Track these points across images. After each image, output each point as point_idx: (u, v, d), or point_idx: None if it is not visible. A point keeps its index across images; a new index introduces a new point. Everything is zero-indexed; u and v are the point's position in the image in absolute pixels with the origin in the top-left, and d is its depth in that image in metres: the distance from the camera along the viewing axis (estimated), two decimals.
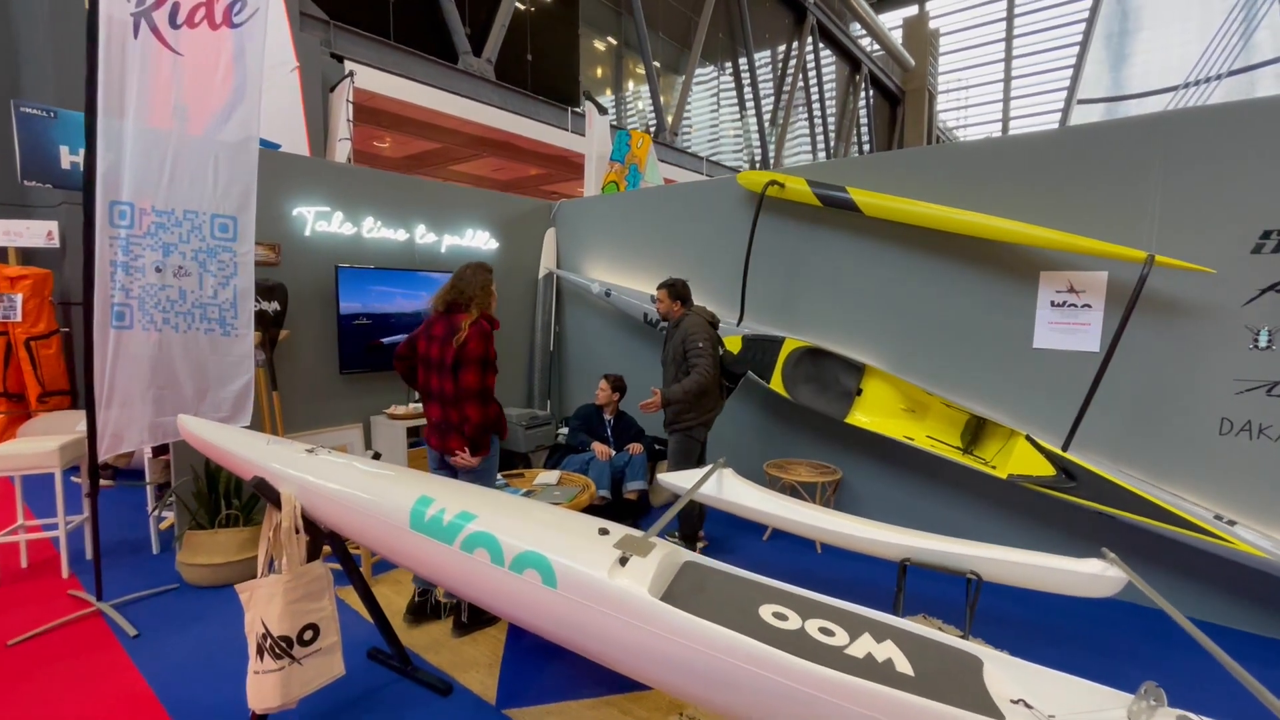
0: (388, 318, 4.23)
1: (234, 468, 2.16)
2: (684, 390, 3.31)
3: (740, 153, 17.61)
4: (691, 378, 3.32)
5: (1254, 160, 2.74)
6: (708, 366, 3.34)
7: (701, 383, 3.31)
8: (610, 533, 1.79)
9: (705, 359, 3.34)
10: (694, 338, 3.37)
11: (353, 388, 4.16)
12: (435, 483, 2.01)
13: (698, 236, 4.58)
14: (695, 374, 3.32)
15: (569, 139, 11.41)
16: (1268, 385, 2.78)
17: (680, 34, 15.05)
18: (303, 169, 3.90)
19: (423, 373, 2.76)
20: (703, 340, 3.36)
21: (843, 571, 3.51)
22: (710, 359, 3.36)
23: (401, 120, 9.93)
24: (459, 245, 4.74)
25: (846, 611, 1.69)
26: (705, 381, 3.32)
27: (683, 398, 3.33)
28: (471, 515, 1.79)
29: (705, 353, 3.35)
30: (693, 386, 3.31)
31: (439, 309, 2.71)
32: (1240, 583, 2.89)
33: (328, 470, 2.05)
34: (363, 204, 4.15)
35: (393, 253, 4.34)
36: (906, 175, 3.63)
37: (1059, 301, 3.23)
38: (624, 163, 5.78)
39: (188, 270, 3.03)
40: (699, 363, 3.34)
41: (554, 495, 3.40)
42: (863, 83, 23.20)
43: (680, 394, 3.32)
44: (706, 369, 3.33)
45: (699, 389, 3.32)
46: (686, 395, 3.32)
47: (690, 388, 3.31)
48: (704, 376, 3.32)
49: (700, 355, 3.34)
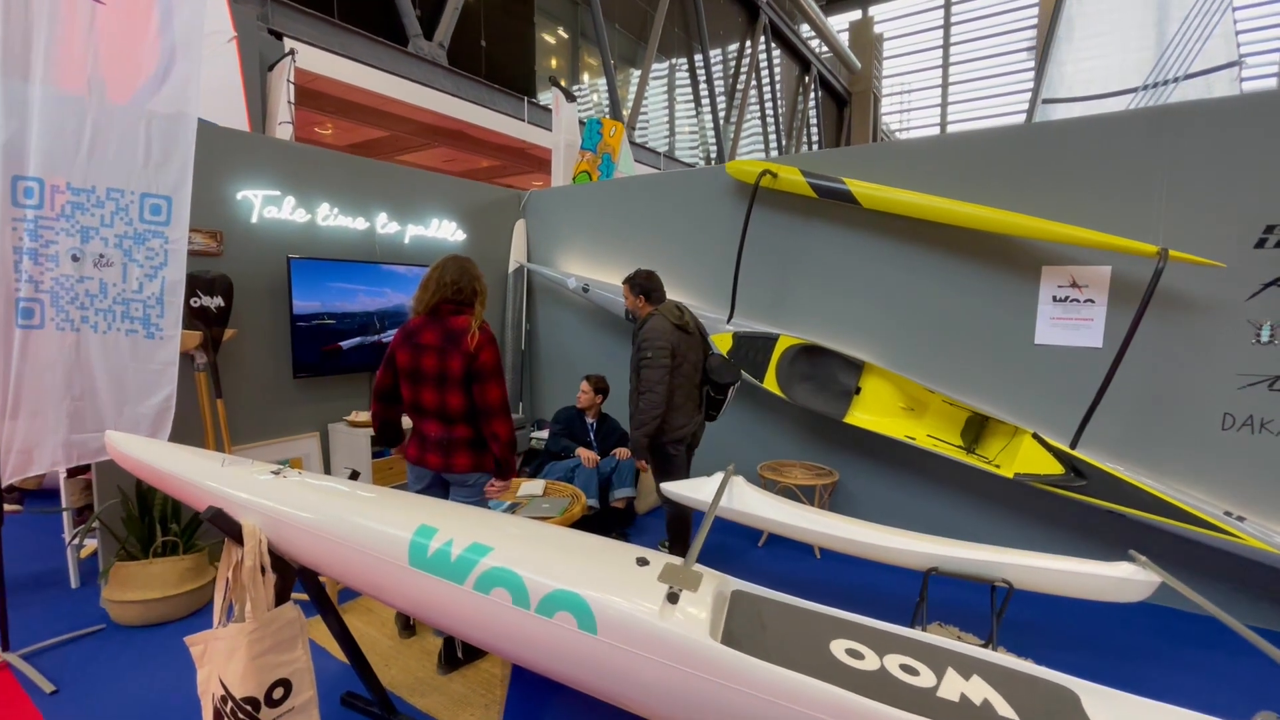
0: (348, 317, 3.83)
1: (182, 495, 1.80)
2: (640, 424, 2.88)
3: (696, 149, 17.54)
4: (640, 403, 2.88)
5: (1257, 155, 2.73)
6: (656, 381, 2.86)
7: (653, 403, 2.86)
8: (650, 563, 1.54)
9: (654, 371, 2.87)
10: (646, 344, 2.87)
11: (308, 393, 3.74)
12: (434, 509, 1.71)
13: (682, 228, 4.36)
14: (643, 398, 2.87)
15: (526, 130, 11.01)
16: (1270, 379, 2.78)
17: (637, 27, 14.82)
18: (248, 147, 3.45)
19: (409, 389, 2.37)
20: (654, 349, 2.88)
21: (845, 578, 3.37)
22: (661, 371, 2.86)
23: (346, 105, 9.30)
24: (424, 236, 4.36)
25: (920, 643, 1.50)
26: (657, 401, 2.87)
27: (641, 432, 2.89)
28: (486, 548, 1.51)
29: (655, 363, 2.87)
30: (646, 417, 2.86)
31: (424, 312, 2.37)
32: (1249, 578, 2.87)
33: (300, 496, 1.72)
34: (317, 188, 3.73)
35: (352, 243, 3.93)
36: (902, 167, 3.52)
37: (1061, 297, 3.17)
38: (596, 152, 5.50)
39: (110, 259, 2.59)
40: (645, 376, 2.88)
41: (541, 507, 3.12)
42: (812, 83, 23.57)
43: (640, 435, 2.89)
44: (655, 384, 2.86)
45: (652, 414, 2.87)
46: (645, 428, 2.88)
47: (644, 420, 2.87)
48: (654, 396, 2.85)
49: (649, 366, 2.87)
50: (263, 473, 1.81)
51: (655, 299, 3.10)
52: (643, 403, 2.88)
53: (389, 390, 2.42)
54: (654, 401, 2.86)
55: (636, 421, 2.91)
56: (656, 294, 3.11)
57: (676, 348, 2.95)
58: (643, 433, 2.90)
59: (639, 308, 3.13)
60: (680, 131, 17.18)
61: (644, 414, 2.88)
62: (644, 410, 2.88)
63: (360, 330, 3.88)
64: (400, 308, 4.13)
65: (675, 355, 2.94)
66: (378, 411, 2.47)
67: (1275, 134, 2.69)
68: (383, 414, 2.47)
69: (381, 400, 2.44)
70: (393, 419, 2.50)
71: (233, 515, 1.67)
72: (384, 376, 2.42)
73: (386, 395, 2.43)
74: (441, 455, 2.36)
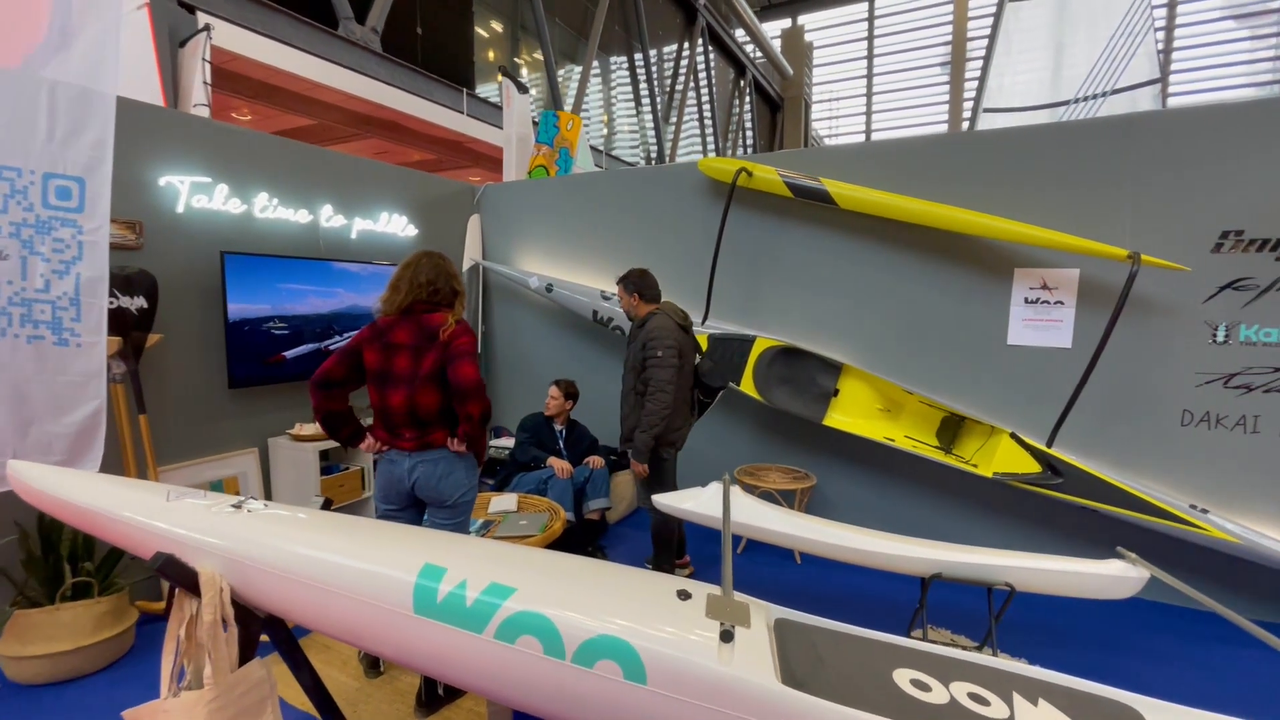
0: (294, 321, 3.45)
1: (119, 539, 1.48)
2: (648, 426, 2.82)
3: (637, 148, 17.46)
4: (650, 405, 2.80)
5: (1213, 163, 2.87)
6: (667, 380, 2.81)
7: (664, 404, 2.80)
8: (691, 595, 1.38)
9: (664, 370, 2.81)
10: (654, 343, 2.82)
11: (245, 405, 3.34)
12: (434, 543, 1.48)
13: (652, 226, 4.22)
14: (653, 398, 2.80)
15: (466, 123, 10.57)
16: (1225, 377, 2.93)
17: (578, 23, 14.57)
18: (173, 127, 3.03)
19: (376, 392, 2.14)
20: (664, 348, 2.82)
21: (827, 582, 3.33)
22: (670, 370, 2.82)
23: (268, 90, 8.59)
24: (372, 231, 4.01)
25: (978, 666, 1.42)
26: (667, 401, 2.81)
27: (650, 432, 2.82)
28: (507, 589, 1.31)
29: (665, 363, 2.81)
30: (654, 419, 2.80)
31: (394, 312, 2.12)
32: (1209, 568, 3.00)
33: (270, 533, 1.45)
34: (254, 176, 3.33)
35: (293, 238, 3.55)
36: (876, 168, 3.51)
37: (1033, 298, 3.24)
38: (553, 146, 5.27)
39: (4, 252, 2.18)
40: (656, 376, 2.81)
41: (519, 525, 2.89)
42: (747, 88, 24.00)
43: (646, 437, 2.83)
44: (665, 384, 2.80)
45: (661, 414, 2.80)
46: (652, 429, 2.82)
47: (653, 423, 2.80)
48: (664, 396, 2.80)
49: (659, 365, 2.81)
50: (220, 506, 1.52)
51: (650, 298, 3.03)
52: (652, 404, 2.80)
53: (334, 379, 2.13)
54: (664, 402, 2.79)
55: (644, 424, 2.82)
56: (651, 292, 3.04)
57: (681, 348, 2.90)
58: (650, 435, 2.82)
59: (635, 307, 3.03)
60: (620, 130, 17.07)
61: (652, 415, 2.80)
62: (652, 412, 2.80)
63: (309, 335, 3.50)
64: (356, 309, 3.78)
65: (681, 355, 2.89)
66: (319, 403, 2.15)
67: (1230, 143, 2.83)
68: (324, 404, 2.16)
69: (322, 388, 2.13)
70: (337, 409, 2.18)
71: (186, 561, 1.39)
72: (334, 368, 2.13)
73: (328, 384, 2.13)
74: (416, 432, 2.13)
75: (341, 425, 2.22)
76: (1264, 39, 17.10)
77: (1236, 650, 2.76)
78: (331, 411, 2.18)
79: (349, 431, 2.24)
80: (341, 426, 2.22)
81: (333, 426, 2.21)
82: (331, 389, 2.15)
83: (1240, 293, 2.87)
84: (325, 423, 2.21)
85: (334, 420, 2.20)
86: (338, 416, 2.20)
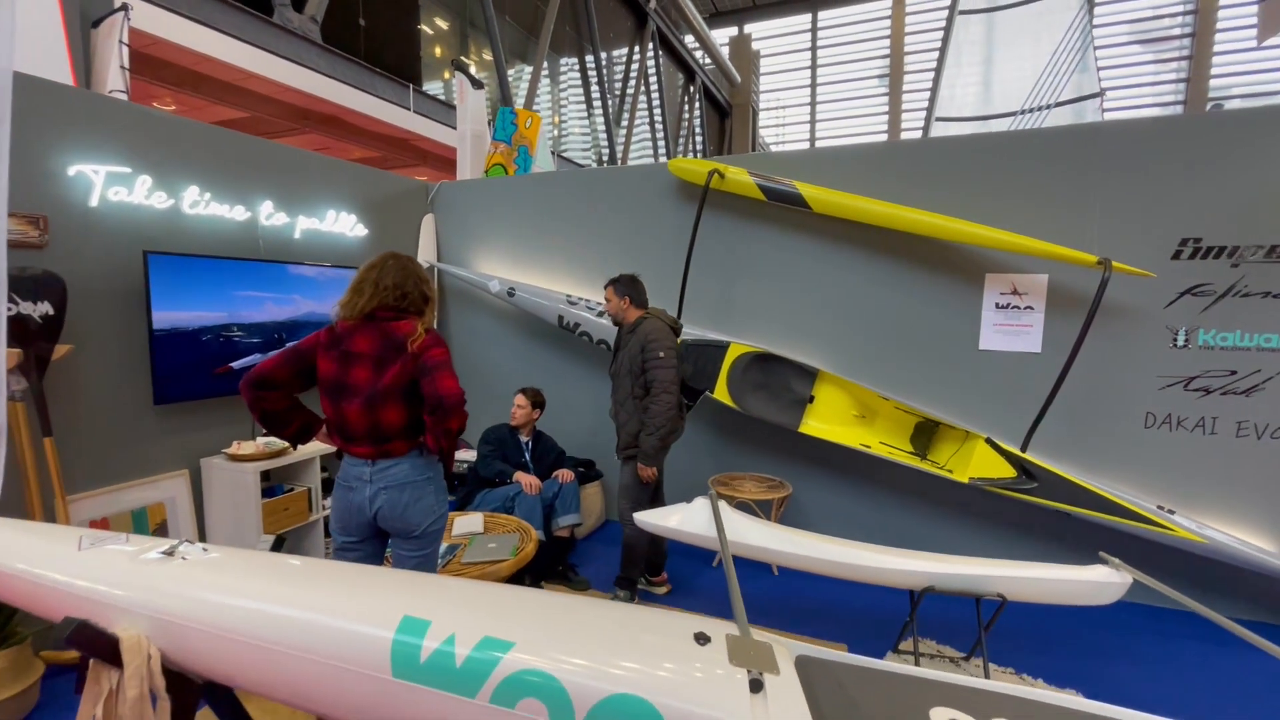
0: (234, 328, 3.12)
1: (18, 598, 1.22)
2: (655, 429, 2.80)
3: (589, 150, 17.29)
4: (657, 405, 2.79)
5: (1174, 173, 2.94)
6: (671, 381, 2.81)
7: (669, 405, 2.80)
8: (711, 639, 1.24)
9: (668, 371, 2.81)
10: (655, 344, 2.82)
11: (174, 423, 2.99)
12: (412, 589, 1.28)
13: (619, 228, 4.07)
14: (657, 399, 2.79)
15: (412, 120, 10.16)
16: (1185, 380, 3.01)
17: (529, 22, 14.29)
18: (85, 110, 2.67)
19: (330, 405, 1.92)
20: (665, 349, 2.82)
21: (806, 595, 3.25)
22: (674, 371, 2.83)
23: (196, 78, 7.99)
24: (318, 230, 3.70)
25: (1009, 697, 1.33)
26: (672, 402, 2.81)
27: (658, 434, 2.81)
28: (503, 642, 1.13)
29: (667, 364, 2.81)
30: (660, 421, 2.79)
31: (355, 317, 1.90)
32: (1179, 567, 3.06)
33: (209, 584, 1.22)
34: (182, 167, 2.99)
35: (229, 237, 3.21)
36: (848, 171, 3.47)
37: (1003, 304, 3.26)
38: (511, 144, 5.05)
39: None
40: (660, 376, 2.80)
41: (488, 548, 2.68)
42: (697, 93, 24.19)
43: (654, 440, 2.81)
44: (670, 384, 2.81)
45: (667, 416, 2.80)
46: (659, 430, 2.80)
47: (659, 421, 2.79)
48: (669, 397, 2.80)
49: (661, 366, 2.80)
50: (148, 554, 1.28)
51: (640, 302, 3.00)
52: (657, 405, 2.78)
53: (274, 381, 1.88)
54: (670, 404, 2.79)
55: (650, 427, 2.81)
56: (641, 297, 3.01)
57: (677, 351, 2.89)
58: (658, 437, 2.80)
59: (624, 311, 2.99)
60: (572, 132, 16.86)
61: (658, 417, 2.79)
62: (658, 413, 2.78)
63: (249, 345, 3.18)
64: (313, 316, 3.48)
65: (678, 358, 2.88)
66: (251, 402, 1.89)
67: (1188, 154, 2.91)
68: (258, 403, 1.89)
69: (256, 388, 1.87)
70: (273, 407, 1.92)
71: (104, 625, 1.15)
72: (278, 368, 1.88)
73: (265, 385, 1.88)
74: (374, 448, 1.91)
75: (284, 423, 1.95)
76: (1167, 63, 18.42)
77: (1214, 648, 2.82)
78: (267, 412, 1.91)
79: (298, 425, 1.98)
80: (285, 424, 1.95)
81: (274, 424, 1.94)
82: (267, 390, 1.89)
83: (1199, 298, 2.96)
84: (265, 421, 1.94)
85: (274, 419, 1.93)
86: (277, 415, 1.94)
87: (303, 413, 1.99)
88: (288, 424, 1.96)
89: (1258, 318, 2.88)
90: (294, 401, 1.97)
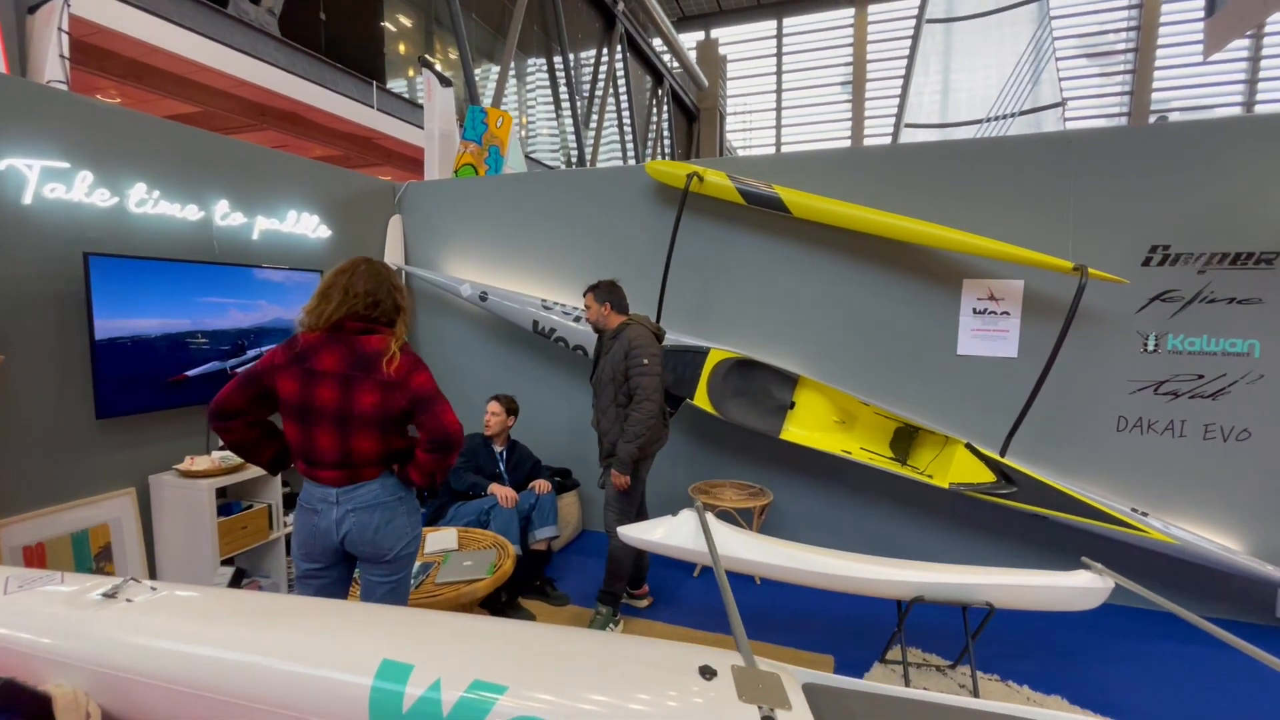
0: (187, 338, 2.91)
1: None
2: (635, 435, 2.72)
3: (557, 152, 17.13)
4: (636, 414, 2.71)
5: (1144, 181, 3.00)
6: (654, 389, 2.73)
7: (650, 413, 2.72)
8: (716, 672, 1.16)
9: (651, 379, 2.73)
10: (639, 351, 2.74)
11: (118, 437, 2.77)
12: (392, 627, 1.17)
13: (595, 231, 3.98)
14: (639, 407, 2.72)
15: (376, 118, 9.88)
16: (1155, 384, 3.07)
17: (496, 20, 14.07)
18: (17, 98, 2.45)
19: (296, 430, 1.77)
20: (650, 356, 2.74)
21: (789, 606, 3.20)
22: (657, 379, 2.76)
23: (142, 70, 7.60)
24: (278, 231, 3.50)
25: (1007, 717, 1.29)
26: (653, 410, 2.73)
27: (636, 442, 2.72)
28: (495, 686, 1.03)
29: (650, 371, 2.73)
30: (641, 428, 2.70)
31: (322, 327, 1.76)
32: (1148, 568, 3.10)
33: (159, 629, 1.09)
34: (128, 162, 2.79)
35: (181, 238, 3.01)
36: (825, 176, 3.46)
37: (980, 309, 3.28)
38: (481, 144, 4.91)
39: None
40: (643, 384, 2.71)
41: (463, 566, 2.56)
42: (665, 97, 24.24)
43: (632, 448, 2.72)
44: (653, 392, 2.73)
45: (648, 423, 2.72)
46: (638, 439, 2.72)
47: (639, 429, 2.71)
48: (651, 405, 2.72)
49: (644, 374, 2.72)
50: (85, 595, 1.14)
51: (621, 308, 2.92)
52: (638, 412, 2.71)
53: (229, 409, 1.76)
54: (651, 412, 2.71)
55: (629, 434, 2.73)
56: (622, 303, 2.92)
57: (660, 359, 2.82)
58: (635, 445, 2.72)
59: (606, 317, 2.91)
60: (540, 133, 16.68)
61: (638, 425, 2.71)
62: (638, 421, 2.71)
63: (201, 355, 2.98)
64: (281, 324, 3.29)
65: (661, 365, 2.81)
66: (218, 431, 1.79)
67: (1157, 163, 2.97)
68: (224, 434, 1.79)
69: (218, 419, 1.76)
70: (240, 437, 1.81)
71: (34, 681, 1.01)
72: (231, 394, 1.76)
73: (224, 414, 1.76)
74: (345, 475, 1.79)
75: (256, 452, 1.86)
76: (1112, 76, 19.22)
77: (1189, 647, 2.86)
78: (236, 442, 1.82)
79: (271, 454, 1.88)
80: (256, 454, 1.86)
81: (247, 455, 1.86)
82: (228, 420, 1.77)
83: (1168, 304, 3.02)
84: (237, 452, 1.86)
85: (244, 449, 1.84)
86: (245, 445, 1.84)
87: (275, 440, 1.88)
88: (259, 453, 1.86)
89: (1223, 323, 2.95)
90: (263, 429, 1.86)
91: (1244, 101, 17.68)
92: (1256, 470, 2.97)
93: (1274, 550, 2.96)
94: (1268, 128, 2.84)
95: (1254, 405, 2.94)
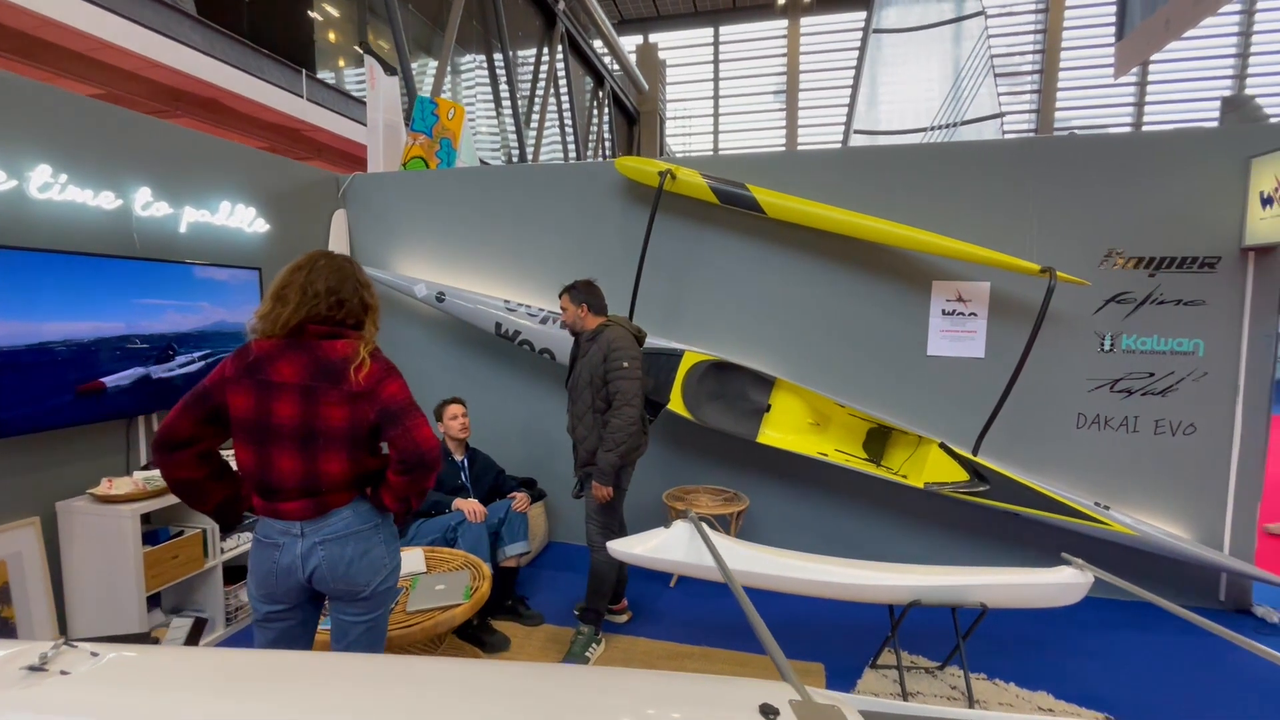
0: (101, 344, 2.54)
1: None
2: (616, 444, 2.57)
3: (498, 150, 16.72)
4: (616, 420, 2.57)
5: (1100, 186, 3.12)
6: (635, 394, 2.58)
7: (631, 419, 2.57)
8: (779, 711, 1.04)
9: (632, 383, 2.59)
10: (619, 354, 2.59)
11: (15, 459, 2.38)
12: (382, 683, 0.99)
13: (559, 229, 3.81)
14: (619, 413, 2.57)
15: (305, 108, 9.29)
16: (1110, 382, 3.20)
17: (433, 12, 13.56)
18: None
19: (250, 453, 1.53)
20: (629, 359, 2.60)
21: (773, 611, 3.09)
22: (638, 383, 2.62)
23: (36, 45, 6.82)
24: (209, 224, 3.14)
25: None
26: (634, 416, 2.59)
27: (617, 450, 2.58)
28: None
29: (630, 375, 2.59)
30: (622, 435, 2.56)
31: (278, 333, 1.53)
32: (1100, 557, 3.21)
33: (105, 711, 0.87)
34: (29, 141, 2.41)
35: (94, 229, 2.63)
36: (797, 176, 3.43)
37: (949, 310, 3.33)
38: (432, 135, 4.63)
39: None
40: (623, 389, 2.57)
41: (435, 590, 2.34)
42: (606, 98, 24.17)
43: (613, 457, 2.58)
44: (634, 397, 2.58)
45: (629, 430, 2.57)
46: (619, 446, 2.57)
47: (619, 436, 2.56)
48: (632, 411, 2.58)
49: (624, 378, 2.58)
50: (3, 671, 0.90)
51: (598, 309, 2.76)
52: (618, 419, 2.55)
53: (174, 439, 1.51)
54: (631, 418, 2.57)
55: (608, 442, 2.57)
56: (599, 303, 2.76)
57: (640, 361, 2.67)
58: (618, 453, 2.57)
59: (582, 319, 2.74)
60: (480, 130, 16.23)
61: (619, 432, 2.56)
62: (619, 428, 2.55)
63: (113, 361, 2.61)
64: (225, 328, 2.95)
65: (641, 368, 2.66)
66: (160, 468, 1.53)
67: (1112, 168, 3.09)
68: (170, 473, 1.53)
69: (162, 451, 1.51)
70: (184, 474, 1.54)
71: None
72: (180, 421, 1.51)
73: (165, 444, 1.51)
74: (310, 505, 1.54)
75: (200, 496, 1.58)
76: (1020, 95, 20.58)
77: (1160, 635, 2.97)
78: (180, 480, 1.54)
79: (220, 498, 1.61)
80: (200, 498, 1.58)
81: (192, 499, 1.57)
82: (175, 451, 1.51)
83: (1122, 305, 3.15)
84: (179, 494, 1.57)
85: (188, 491, 1.56)
86: (189, 485, 1.56)
87: (228, 483, 1.62)
88: (203, 498, 1.58)
89: (1171, 323, 3.11)
90: (213, 467, 1.59)
91: (1133, 122, 19.32)
92: (1200, 463, 3.13)
93: (1217, 537, 3.14)
94: (1211, 141, 3.01)
95: (1199, 402, 3.10)
